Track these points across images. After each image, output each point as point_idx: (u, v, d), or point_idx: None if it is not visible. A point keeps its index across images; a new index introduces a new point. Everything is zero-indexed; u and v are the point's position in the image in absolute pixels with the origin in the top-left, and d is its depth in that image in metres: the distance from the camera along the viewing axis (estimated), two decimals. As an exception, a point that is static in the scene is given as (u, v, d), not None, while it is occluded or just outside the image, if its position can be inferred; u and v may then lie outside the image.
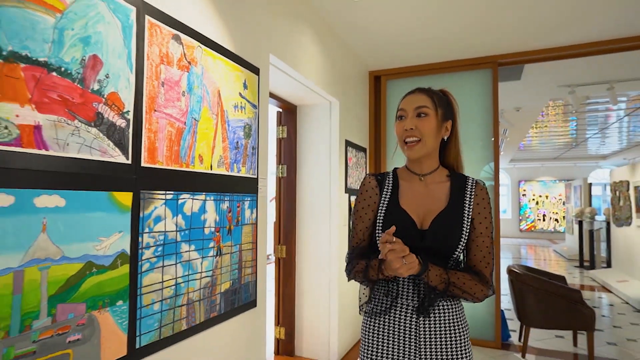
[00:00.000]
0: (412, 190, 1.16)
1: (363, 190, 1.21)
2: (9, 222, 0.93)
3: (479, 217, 1.11)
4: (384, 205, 1.15)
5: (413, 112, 1.11)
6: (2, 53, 0.92)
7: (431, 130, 1.11)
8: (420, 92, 1.14)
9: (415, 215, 1.11)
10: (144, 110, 1.31)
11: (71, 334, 1.07)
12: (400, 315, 1.10)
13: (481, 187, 1.14)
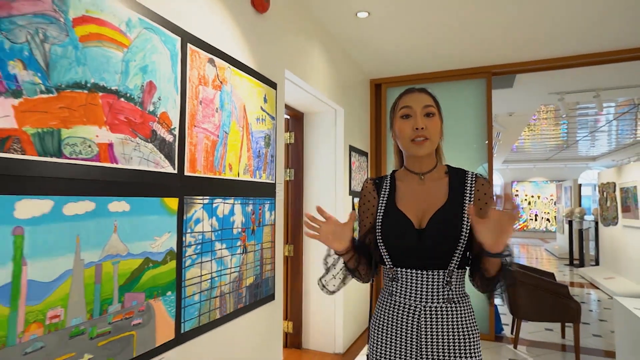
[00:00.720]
0: (410, 190, 1.13)
1: (361, 195, 1.23)
2: (91, 224, 1.12)
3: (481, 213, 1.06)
4: (381, 208, 1.14)
5: (421, 110, 1.08)
6: (87, 85, 1.11)
7: (438, 130, 1.10)
8: (423, 92, 1.13)
9: (413, 215, 1.08)
10: (187, 126, 1.50)
11: (135, 318, 1.26)
12: (404, 315, 1.08)
13: (482, 181, 1.10)
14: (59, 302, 1.03)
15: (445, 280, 1.05)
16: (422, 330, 1.05)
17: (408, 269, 1.07)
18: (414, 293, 1.07)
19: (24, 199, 0.96)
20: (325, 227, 1.06)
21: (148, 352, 1.31)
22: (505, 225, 0.88)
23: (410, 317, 1.07)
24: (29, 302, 0.96)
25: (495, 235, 0.89)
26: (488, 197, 1.08)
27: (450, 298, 1.06)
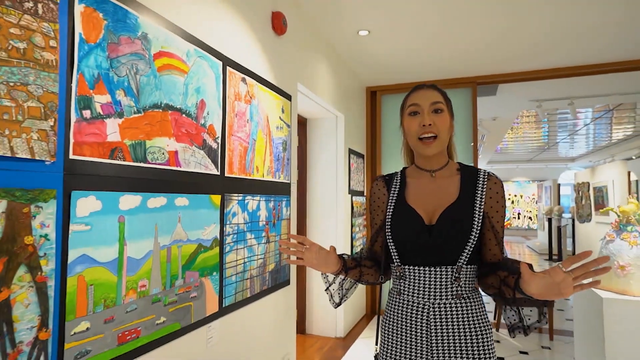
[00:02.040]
0: (421, 187, 1.12)
1: (371, 193, 1.21)
2: (164, 215, 1.42)
3: (492, 212, 1.06)
4: (391, 205, 1.12)
5: (429, 107, 1.07)
6: (162, 105, 1.41)
7: (447, 126, 1.08)
8: (431, 88, 1.11)
9: (423, 211, 1.07)
10: (226, 135, 1.80)
11: (192, 292, 1.56)
12: (412, 313, 1.06)
13: (495, 180, 1.08)
14: (145, 275, 1.33)
15: (453, 277, 1.03)
16: (432, 327, 1.03)
17: (416, 266, 1.05)
18: (422, 290, 1.05)
19: (125, 195, 1.25)
20: (308, 254, 1.09)
21: (201, 320, 1.61)
22: (563, 290, 0.80)
23: (419, 315, 1.04)
24: (128, 274, 1.26)
25: (544, 292, 0.83)
26: (499, 197, 1.06)
27: (460, 294, 1.03)
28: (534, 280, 0.84)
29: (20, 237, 0.95)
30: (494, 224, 1.06)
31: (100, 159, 1.17)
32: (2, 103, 0.91)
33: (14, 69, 0.94)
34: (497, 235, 1.06)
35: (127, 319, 1.26)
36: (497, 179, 1.09)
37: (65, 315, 1.06)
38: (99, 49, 1.17)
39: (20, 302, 0.95)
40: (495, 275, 1.01)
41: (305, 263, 1.10)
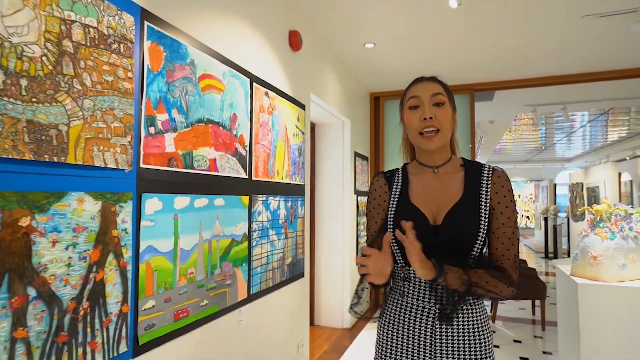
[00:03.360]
0: (424, 184, 1.06)
1: (372, 190, 1.15)
2: (206, 214, 1.67)
3: (499, 207, 0.99)
4: (393, 203, 1.07)
5: (429, 100, 1.01)
6: (204, 120, 1.66)
7: (449, 119, 1.02)
8: (432, 80, 1.05)
9: (428, 210, 1.01)
10: (253, 143, 2.05)
11: (227, 280, 1.81)
12: (416, 317, 1.01)
13: (499, 173, 1.02)
14: (192, 264, 1.58)
15: None
16: (437, 332, 0.98)
17: None
18: (428, 294, 1.00)
19: (178, 196, 1.50)
20: (373, 264, 0.93)
21: (233, 305, 1.86)
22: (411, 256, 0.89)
23: (424, 320, 1.00)
24: (180, 262, 1.51)
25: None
26: (505, 190, 1.00)
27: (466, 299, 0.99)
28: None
29: (110, 230, 1.20)
30: (504, 220, 0.98)
31: (161, 166, 1.42)
32: (98, 125, 1.16)
33: (105, 98, 1.19)
34: (506, 233, 0.97)
35: (180, 300, 1.50)
36: (501, 172, 1.02)
37: (138, 294, 1.31)
38: (160, 76, 1.42)
39: (110, 282, 1.20)
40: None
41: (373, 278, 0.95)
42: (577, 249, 1.74)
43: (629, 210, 1.64)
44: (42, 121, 1.00)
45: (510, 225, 0.99)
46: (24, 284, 0.96)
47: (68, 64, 1.08)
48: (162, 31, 1.44)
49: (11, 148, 0.93)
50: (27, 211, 0.97)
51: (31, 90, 0.98)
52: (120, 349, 1.24)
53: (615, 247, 1.59)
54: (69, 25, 1.08)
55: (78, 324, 1.10)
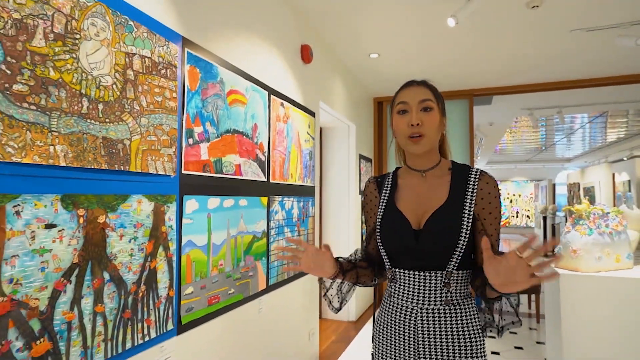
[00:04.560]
0: (411, 189, 1.09)
1: (364, 195, 1.20)
2: (232, 213, 1.89)
3: (483, 213, 1.00)
4: (382, 208, 1.10)
5: (417, 105, 1.02)
6: (231, 130, 1.88)
7: (436, 124, 1.03)
8: (421, 85, 1.07)
9: (412, 214, 1.04)
10: (271, 149, 2.28)
11: (250, 272, 2.04)
12: (401, 317, 1.04)
13: (487, 179, 1.02)
14: (222, 257, 1.80)
15: (443, 282, 0.99)
16: (419, 332, 1.01)
17: (406, 270, 1.03)
18: (411, 295, 1.03)
19: (210, 198, 1.73)
20: (305, 258, 1.06)
21: (255, 294, 2.09)
22: (519, 276, 0.79)
23: (408, 319, 1.02)
24: (213, 255, 1.74)
25: (504, 279, 0.82)
26: (492, 197, 1.00)
27: (449, 300, 1.00)
28: (491, 263, 0.83)
29: (160, 227, 1.43)
30: (487, 227, 0.99)
31: (197, 172, 1.65)
32: (151, 138, 1.39)
33: (156, 115, 1.42)
34: (490, 239, 0.98)
35: (212, 287, 1.73)
36: (489, 178, 1.03)
37: (180, 281, 1.54)
38: (197, 94, 1.65)
39: (160, 270, 1.43)
40: (481, 277, 0.94)
41: (302, 268, 1.07)
42: (561, 244, 1.96)
43: (605, 210, 1.86)
44: (112, 137, 1.23)
45: (492, 232, 1.00)
46: (101, 269, 1.19)
47: (130, 89, 1.31)
48: (198, 55, 1.67)
49: (92, 160, 1.16)
50: (103, 210, 1.20)
51: (105, 112, 1.21)
52: (168, 327, 1.47)
53: (592, 242, 1.81)
54: (131, 57, 1.31)
55: (138, 304, 1.33)
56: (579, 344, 1.84)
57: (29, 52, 0.99)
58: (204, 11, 1.74)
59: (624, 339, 1.77)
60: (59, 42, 1.07)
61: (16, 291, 0.96)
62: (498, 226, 1.02)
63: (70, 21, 1.10)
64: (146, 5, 1.41)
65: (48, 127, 1.03)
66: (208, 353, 1.71)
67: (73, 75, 1.11)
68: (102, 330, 1.19)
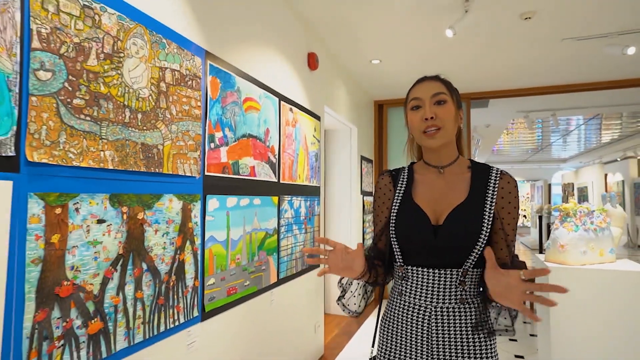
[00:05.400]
0: (428, 184, 1.07)
1: (377, 188, 1.16)
2: (248, 211, 2.05)
3: (502, 212, 0.99)
4: (397, 202, 1.07)
5: (430, 99, 1.01)
6: (247, 135, 2.04)
7: (451, 117, 1.02)
8: (433, 80, 1.06)
9: (430, 210, 1.02)
10: (281, 152, 2.43)
11: (262, 266, 2.19)
12: (414, 316, 1.02)
13: (508, 179, 1.02)
14: (239, 252, 1.96)
15: (459, 280, 0.98)
16: (433, 332, 0.99)
17: (420, 267, 1.01)
18: (425, 293, 1.00)
19: (229, 197, 1.88)
20: (334, 257, 0.97)
21: (267, 287, 2.25)
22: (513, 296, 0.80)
23: (421, 318, 1.00)
24: (231, 250, 1.89)
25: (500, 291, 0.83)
26: (512, 197, 1.00)
27: (464, 299, 0.98)
28: (493, 272, 0.84)
29: (187, 223, 1.58)
30: (505, 226, 0.99)
31: (218, 173, 1.80)
32: (180, 143, 1.54)
33: (184, 123, 1.57)
34: (507, 238, 0.98)
35: (231, 279, 1.89)
36: (510, 178, 1.02)
37: (204, 273, 1.69)
38: (217, 102, 1.81)
39: (187, 262, 1.58)
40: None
41: (331, 270, 0.98)
42: (550, 240, 2.13)
43: (590, 208, 2.02)
44: (149, 143, 1.38)
45: (509, 232, 0.99)
46: (140, 260, 1.34)
47: (162, 100, 1.46)
48: (218, 66, 1.82)
49: (133, 163, 1.31)
50: (141, 208, 1.35)
51: (143, 121, 1.36)
52: (194, 314, 1.62)
53: (578, 238, 1.97)
54: (164, 71, 1.47)
55: (169, 292, 1.48)
56: (566, 332, 2.01)
57: (85, 71, 1.15)
58: (223, 26, 1.90)
59: (605, 325, 1.94)
60: (107, 60, 1.22)
61: (76, 277, 1.11)
62: (515, 226, 1.01)
63: (116, 42, 1.26)
64: (176, 23, 1.56)
65: (99, 135, 1.19)
66: (228, 339, 1.87)
67: (118, 89, 1.26)
68: (141, 314, 1.34)
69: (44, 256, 1.02)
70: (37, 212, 1.01)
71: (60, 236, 1.07)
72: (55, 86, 1.06)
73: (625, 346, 1.93)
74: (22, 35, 0.98)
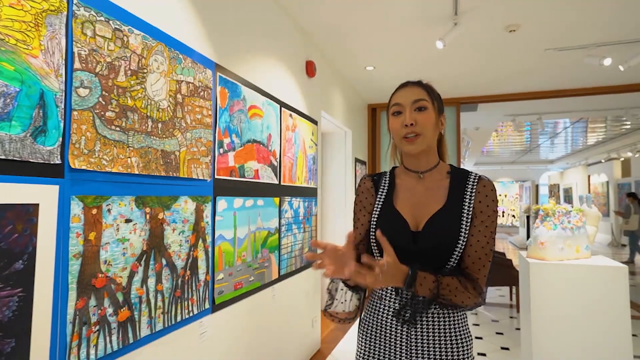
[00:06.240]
0: (409, 190, 1.08)
1: (359, 192, 1.18)
2: (252, 211, 2.20)
3: (481, 216, 1.00)
4: (378, 207, 1.09)
5: (411, 105, 1.03)
6: (251, 140, 2.18)
7: (431, 124, 1.03)
8: (415, 85, 1.07)
9: (410, 216, 1.03)
10: (282, 156, 2.58)
11: (265, 262, 2.34)
12: (392, 320, 1.02)
13: (485, 183, 1.03)
14: (244, 249, 2.10)
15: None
16: (412, 337, 1.00)
17: None
18: (405, 298, 1.01)
19: (235, 198, 2.03)
20: (327, 259, 0.89)
21: (269, 282, 2.39)
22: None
23: (396, 323, 1.01)
24: (237, 247, 2.03)
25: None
26: (489, 200, 1.01)
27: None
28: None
29: (200, 222, 1.72)
30: (482, 230, 0.99)
31: (226, 176, 1.95)
32: (194, 150, 1.69)
33: (197, 130, 1.71)
34: (478, 244, 0.98)
35: (237, 275, 2.03)
36: (487, 182, 1.03)
37: (214, 269, 1.83)
38: (225, 111, 1.95)
39: (200, 258, 1.72)
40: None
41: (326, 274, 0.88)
42: (532, 238, 2.31)
43: (567, 209, 2.21)
44: (167, 150, 1.52)
45: (487, 235, 0.99)
46: (160, 256, 1.48)
47: (179, 110, 1.60)
48: (226, 77, 1.97)
49: (155, 168, 1.45)
50: (161, 209, 1.49)
51: (162, 130, 1.50)
52: (205, 306, 1.76)
53: (556, 236, 2.16)
54: (180, 84, 1.61)
55: (185, 285, 1.62)
56: (546, 322, 2.19)
57: (115, 86, 1.29)
58: (229, 38, 2.04)
59: (581, 316, 2.12)
60: (133, 76, 1.36)
61: (108, 270, 1.25)
62: (492, 230, 1.00)
63: (141, 59, 1.40)
64: (190, 39, 1.70)
65: (126, 143, 1.33)
66: (235, 330, 2.01)
67: (142, 102, 1.40)
68: (161, 305, 1.48)
69: (83, 251, 1.16)
70: (78, 213, 1.15)
71: (96, 234, 1.21)
72: (92, 101, 1.20)
73: (598, 332, 2.11)
74: (66, 58, 1.11)
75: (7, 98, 0.96)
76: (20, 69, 0.99)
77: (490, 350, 3.31)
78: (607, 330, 2.11)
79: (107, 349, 1.24)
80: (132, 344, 1.34)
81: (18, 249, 0.98)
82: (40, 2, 1.04)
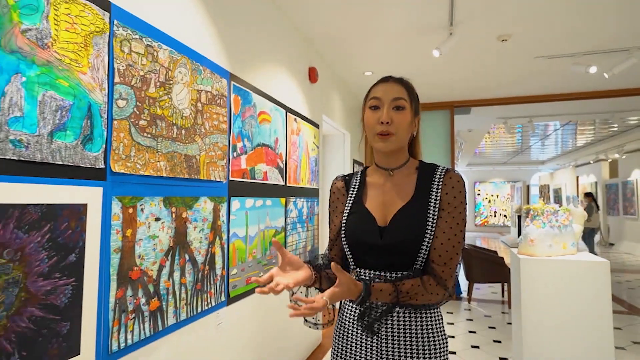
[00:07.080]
0: (378, 187, 1.08)
1: (331, 192, 1.18)
2: (262, 211, 2.33)
3: (448, 207, 0.99)
4: (348, 206, 1.10)
5: (390, 103, 1.02)
6: (260, 144, 2.32)
7: (406, 124, 1.03)
8: (396, 82, 1.06)
9: (379, 212, 1.04)
10: (287, 158, 2.72)
11: (273, 259, 2.48)
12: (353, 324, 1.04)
13: (451, 175, 1.02)
14: (255, 247, 2.24)
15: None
16: (383, 335, 0.99)
17: (370, 270, 1.02)
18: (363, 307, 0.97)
19: (247, 199, 2.16)
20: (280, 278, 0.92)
21: (276, 278, 2.52)
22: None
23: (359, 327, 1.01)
24: (249, 245, 2.17)
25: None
26: (456, 192, 1.00)
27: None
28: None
29: (217, 221, 1.86)
30: (448, 220, 0.98)
31: (239, 178, 2.08)
32: (211, 154, 1.82)
33: (214, 136, 1.85)
34: (443, 236, 0.97)
35: (249, 270, 2.17)
36: (454, 174, 1.03)
37: (229, 264, 1.97)
38: (239, 117, 2.08)
39: (216, 254, 1.85)
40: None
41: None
42: (522, 235, 2.47)
43: (555, 208, 2.37)
44: (190, 154, 1.66)
45: (453, 226, 0.98)
46: (184, 252, 1.61)
47: (199, 117, 1.73)
48: (239, 85, 2.10)
49: (179, 171, 1.58)
50: (184, 209, 1.63)
51: (185, 136, 1.63)
52: (221, 299, 1.89)
53: (545, 233, 2.32)
54: (200, 93, 1.74)
55: (205, 279, 1.75)
56: (534, 315, 2.35)
57: (147, 97, 1.42)
58: (241, 48, 2.17)
59: (567, 308, 2.29)
60: (162, 87, 1.49)
61: (142, 264, 1.38)
62: (460, 223, 0.99)
63: (168, 72, 1.53)
64: (209, 51, 1.84)
65: (156, 149, 1.46)
66: (247, 321, 2.14)
67: (169, 110, 1.53)
68: (185, 297, 1.61)
69: (121, 246, 1.29)
70: (117, 212, 1.28)
71: (132, 231, 1.34)
72: (128, 111, 1.33)
73: (582, 323, 2.28)
74: (108, 73, 1.24)
75: (63, 111, 1.09)
76: (73, 84, 1.12)
77: (483, 343, 3.48)
78: (591, 321, 2.28)
79: (141, 335, 1.37)
80: (160, 332, 1.47)
81: (72, 243, 1.11)
82: (89, 25, 1.17)
